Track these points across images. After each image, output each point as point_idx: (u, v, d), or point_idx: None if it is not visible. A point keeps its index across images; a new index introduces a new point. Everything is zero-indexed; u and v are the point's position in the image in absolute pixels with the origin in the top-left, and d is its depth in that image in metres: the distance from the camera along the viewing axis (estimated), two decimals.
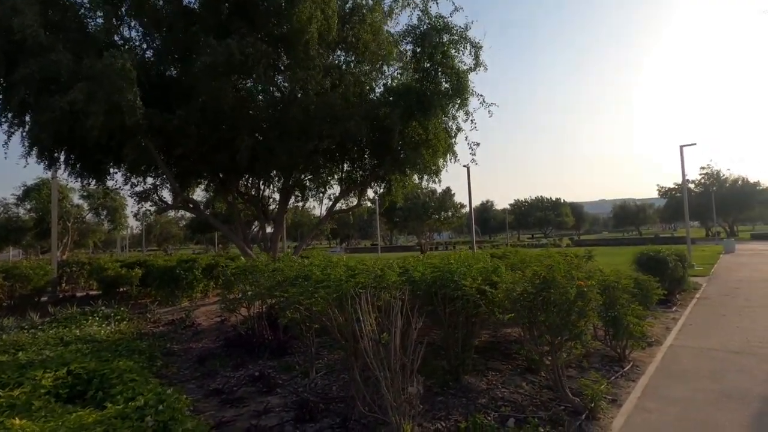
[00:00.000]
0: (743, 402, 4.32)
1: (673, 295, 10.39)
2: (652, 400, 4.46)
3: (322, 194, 14.94)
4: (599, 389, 4.12)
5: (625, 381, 5.10)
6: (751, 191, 53.66)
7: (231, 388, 5.31)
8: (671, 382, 4.98)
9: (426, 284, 4.94)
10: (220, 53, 8.92)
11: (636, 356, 5.96)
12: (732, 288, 12.27)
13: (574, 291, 3.90)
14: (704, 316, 8.71)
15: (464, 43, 10.65)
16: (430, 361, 5.49)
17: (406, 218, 63.57)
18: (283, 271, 5.82)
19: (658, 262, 10.29)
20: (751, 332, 7.16)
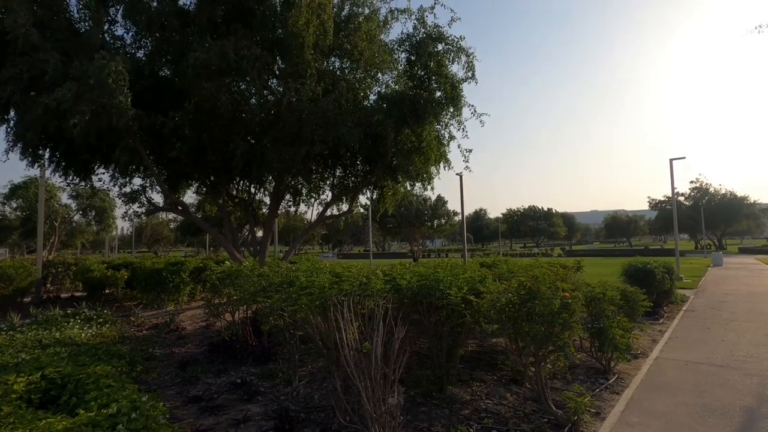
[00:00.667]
0: (725, 417, 4.32)
1: (661, 307, 10.44)
2: (635, 413, 4.43)
3: (313, 199, 14.90)
4: (583, 402, 4.09)
5: (610, 393, 5.08)
6: (739, 205, 54.47)
7: (211, 395, 5.21)
8: (655, 396, 4.97)
9: (412, 293, 4.90)
10: (214, 52, 8.89)
11: (621, 368, 5.95)
12: (718, 301, 12.37)
13: (558, 302, 3.89)
14: (690, 328, 8.75)
15: (459, 53, 10.73)
16: (415, 370, 5.45)
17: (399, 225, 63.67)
18: (268, 276, 5.75)
19: (646, 273, 10.34)
20: (736, 346, 7.20)
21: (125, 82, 8.19)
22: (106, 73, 7.70)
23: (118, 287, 13.69)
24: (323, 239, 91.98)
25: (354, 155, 13.41)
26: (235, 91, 10.48)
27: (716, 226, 55.57)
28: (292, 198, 14.99)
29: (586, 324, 5.80)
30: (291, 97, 9.45)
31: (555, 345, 4.05)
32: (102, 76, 7.69)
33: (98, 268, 13.60)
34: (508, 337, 4.55)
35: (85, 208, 33.40)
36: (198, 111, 9.83)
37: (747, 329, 8.48)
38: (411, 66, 10.90)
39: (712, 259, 29.30)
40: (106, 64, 7.82)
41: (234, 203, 14.90)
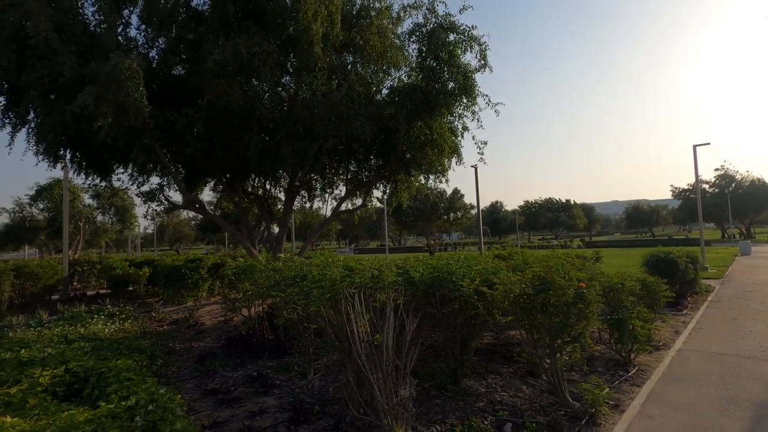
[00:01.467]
0: (751, 409, 4.17)
1: (684, 298, 10.14)
2: (655, 406, 4.32)
3: (327, 194, 14.97)
4: (600, 394, 4.00)
5: (629, 386, 4.96)
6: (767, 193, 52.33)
7: (228, 388, 5.29)
8: (677, 388, 4.83)
9: (425, 285, 4.87)
10: (229, 52, 8.97)
11: (642, 360, 5.81)
12: (746, 291, 11.95)
13: (572, 292, 3.80)
14: (716, 319, 8.48)
15: (471, 43, 10.56)
16: (430, 363, 5.43)
17: (415, 219, 63.50)
18: (281, 270, 5.80)
19: (669, 263, 10.06)
20: (764, 337, 6.94)
21: (140, 79, 8.34)
22: (119, 70, 7.84)
23: (141, 284, 14.04)
24: (340, 234, 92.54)
25: (367, 149, 13.39)
26: (248, 89, 10.56)
27: (744, 215, 53.60)
28: (307, 193, 15.09)
29: (605, 315, 5.67)
30: (303, 92, 9.47)
31: (570, 336, 3.96)
32: (116, 74, 7.84)
33: (121, 266, 13.98)
34: (522, 329, 4.49)
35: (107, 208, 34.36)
36: (211, 108, 9.94)
37: None
38: (422, 57, 10.79)
39: (739, 248, 28.33)
40: (120, 62, 7.97)
41: (250, 200, 15.08)
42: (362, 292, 4.28)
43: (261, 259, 6.99)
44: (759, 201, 51.57)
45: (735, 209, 47.60)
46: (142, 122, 8.64)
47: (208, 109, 10.21)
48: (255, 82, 10.58)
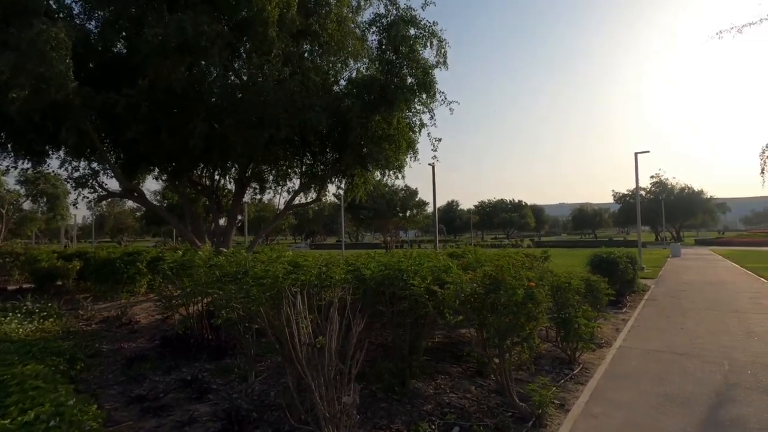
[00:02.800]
0: (686, 406, 4.31)
1: (624, 296, 10.65)
2: (598, 404, 4.37)
3: (281, 187, 14.44)
4: (547, 395, 3.97)
5: (574, 384, 5.02)
6: (696, 200, 57.13)
7: (158, 394, 4.82)
8: (618, 386, 4.94)
9: (375, 283, 4.65)
10: (172, 27, 8.28)
11: (586, 358, 5.93)
12: (678, 290, 12.78)
13: (522, 293, 3.72)
14: (652, 317, 8.94)
15: (431, 39, 10.46)
16: (378, 363, 5.23)
17: (372, 216, 63.41)
18: (222, 266, 5.37)
19: (610, 264, 10.51)
20: (694, 334, 7.36)
21: (67, 51, 7.49)
22: (44, 40, 6.99)
23: (70, 279, 12.84)
24: (295, 229, 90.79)
25: (323, 142, 13.01)
26: (195, 71, 9.85)
27: (675, 219, 58.11)
28: (259, 185, 14.47)
29: (552, 313, 5.74)
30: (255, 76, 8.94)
31: (520, 336, 3.90)
32: (40, 42, 6.98)
33: (48, 259, 12.70)
34: (473, 329, 4.40)
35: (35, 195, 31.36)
36: (154, 89, 9.17)
37: (704, 317, 8.73)
38: (382, 50, 10.56)
39: (671, 250, 30.54)
40: (45, 30, 7.11)
41: (197, 190, 14.23)
42: (307, 290, 4.00)
43: (201, 253, 6.47)
44: (688, 207, 56.19)
45: (667, 214, 51.54)
46: (64, 98, 7.77)
47: (150, 91, 9.41)
48: (203, 64, 9.89)
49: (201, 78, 10.07)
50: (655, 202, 53.07)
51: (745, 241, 47.17)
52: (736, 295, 11.55)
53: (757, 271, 17.59)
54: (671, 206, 54.00)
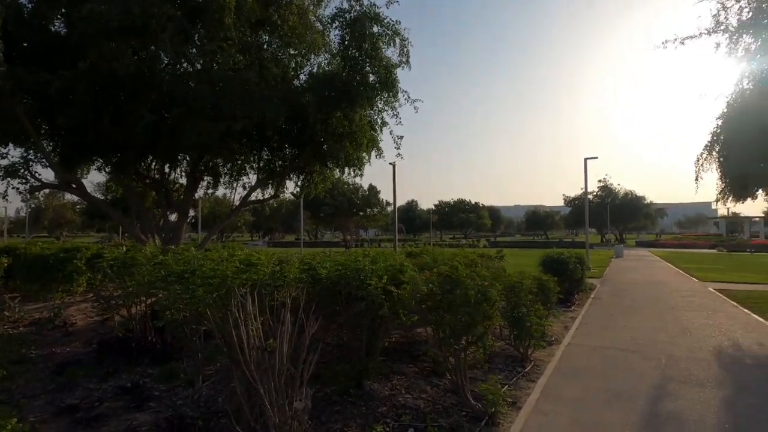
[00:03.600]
0: (629, 401, 4.51)
1: (572, 295, 11.13)
2: (548, 401, 4.48)
3: (237, 182, 13.90)
4: (499, 393, 4.02)
5: (526, 382, 5.13)
6: (638, 204, 61.21)
7: (92, 403, 4.45)
8: (567, 382, 5.10)
9: (331, 282, 4.52)
10: (116, 6, 7.69)
11: (537, 356, 6.10)
12: (620, 290, 13.54)
13: (477, 292, 3.73)
14: (598, 315, 9.38)
15: (394, 37, 10.40)
16: (333, 365, 5.11)
17: (333, 214, 62.78)
18: (168, 264, 5.03)
19: (561, 264, 10.94)
20: (636, 331, 7.79)
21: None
22: None
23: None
24: (253, 227, 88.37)
25: (282, 137, 12.64)
26: (144, 57, 9.22)
27: (619, 222, 61.88)
28: (213, 180, 13.85)
29: (505, 312, 5.85)
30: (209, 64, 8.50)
31: (474, 335, 3.91)
32: None
33: None
34: (429, 328, 4.38)
35: None
36: (94, 72, 8.48)
37: (645, 315, 9.27)
38: (345, 46, 10.38)
39: (614, 252, 32.44)
40: None
41: (145, 184, 13.39)
42: (258, 290, 3.82)
43: (145, 250, 6.04)
44: (631, 211, 60.07)
45: (612, 217, 54.89)
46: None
47: (92, 74, 8.71)
48: (153, 49, 9.28)
49: (150, 64, 9.45)
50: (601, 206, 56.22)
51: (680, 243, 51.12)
52: (671, 294, 12.39)
53: (689, 271, 19.02)
54: (616, 210, 57.49)
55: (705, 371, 5.47)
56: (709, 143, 11.14)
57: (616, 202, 59.66)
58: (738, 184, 11.02)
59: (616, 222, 60.40)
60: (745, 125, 9.74)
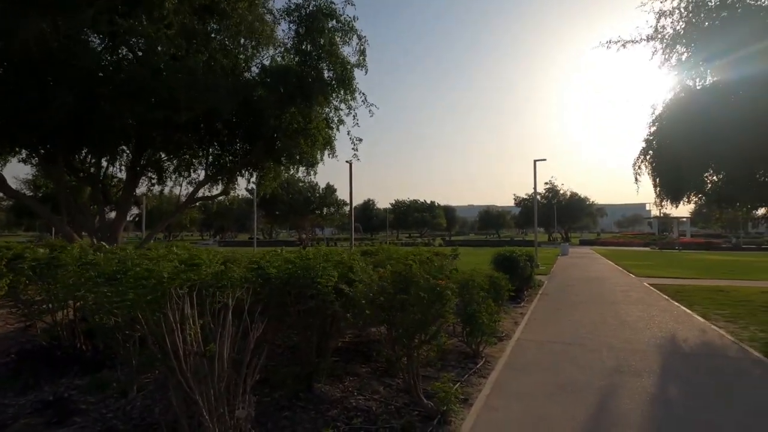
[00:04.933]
0: (574, 393, 4.66)
1: (522, 292, 11.51)
2: (499, 397, 4.54)
3: (183, 178, 13.18)
4: (451, 391, 4.00)
5: (478, 378, 5.18)
6: (582, 205, 65.03)
7: (5, 420, 3.96)
8: (516, 377, 5.21)
9: (281, 282, 4.32)
10: None
11: (488, 352, 6.20)
12: (566, 285, 14.21)
13: (431, 291, 3.69)
14: (545, 310, 9.75)
15: (350, 34, 10.25)
16: (282, 368, 4.90)
17: (288, 212, 61.50)
18: (98, 265, 4.60)
19: (511, 261, 11.28)
20: (580, 325, 8.15)
21: None
22: None
23: None
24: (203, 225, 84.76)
25: (232, 131, 12.14)
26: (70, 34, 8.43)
27: (565, 222, 65.40)
28: (157, 175, 13.04)
29: (458, 309, 5.89)
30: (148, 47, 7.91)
31: (428, 334, 3.87)
32: None
33: None
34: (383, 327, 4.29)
35: None
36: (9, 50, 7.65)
37: (588, 309, 9.75)
38: (299, 40, 10.10)
39: (560, 250, 34.15)
40: None
41: (78, 178, 12.36)
42: (199, 292, 3.55)
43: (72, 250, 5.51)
44: (575, 211, 63.68)
45: (558, 217, 57.93)
46: None
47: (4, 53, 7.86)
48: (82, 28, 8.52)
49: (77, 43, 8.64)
50: (549, 207, 59.12)
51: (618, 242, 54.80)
52: (612, 289, 13.15)
53: (627, 268, 20.34)
54: (562, 210, 60.70)
55: (641, 362, 5.79)
56: (644, 149, 11.88)
57: (562, 203, 62.96)
58: (671, 189, 11.80)
59: (562, 221, 63.71)
60: (675, 133, 10.46)
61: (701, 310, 9.49)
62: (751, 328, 7.77)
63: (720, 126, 8.75)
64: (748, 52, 8.31)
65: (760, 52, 8.10)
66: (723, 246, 43.32)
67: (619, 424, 3.90)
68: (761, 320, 8.41)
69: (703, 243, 45.92)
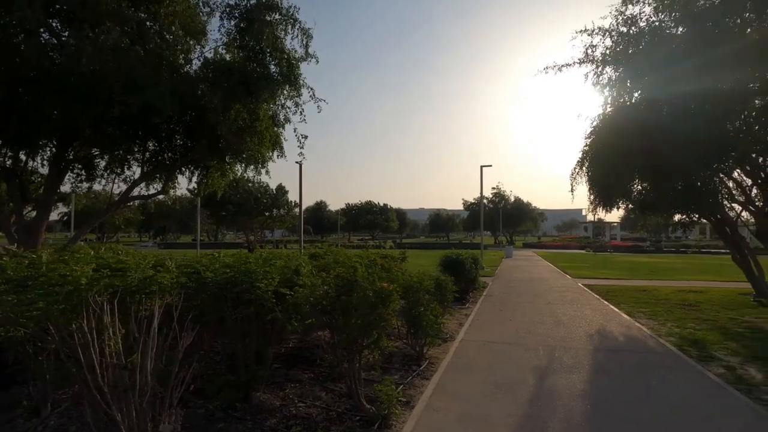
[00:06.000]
0: (511, 391, 4.83)
1: (468, 293, 11.84)
2: (440, 398, 4.61)
3: (117, 175, 12.28)
4: (393, 395, 4.00)
5: (421, 380, 5.23)
6: (525, 209, 68.42)
7: None
8: (458, 377, 5.32)
9: (217, 287, 4.11)
10: None
11: (433, 353, 6.29)
12: (509, 287, 14.81)
13: (373, 294, 3.67)
14: (488, 311, 10.08)
15: (294, 27, 10.03)
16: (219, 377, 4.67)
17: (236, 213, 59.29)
18: (4, 270, 4.12)
19: (458, 264, 11.57)
20: (520, 325, 8.50)
21: None
22: None
23: None
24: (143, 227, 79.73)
25: (172, 128, 11.47)
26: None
27: (509, 226, 68.43)
28: (86, 172, 12.04)
29: (403, 312, 5.94)
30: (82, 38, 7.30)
31: (370, 338, 3.84)
32: None
33: None
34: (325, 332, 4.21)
35: None
36: None
37: (527, 309, 10.21)
38: (242, 34, 9.74)
39: (505, 252, 35.64)
40: None
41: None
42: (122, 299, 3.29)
43: None
44: (519, 216, 66.88)
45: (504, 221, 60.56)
46: None
47: None
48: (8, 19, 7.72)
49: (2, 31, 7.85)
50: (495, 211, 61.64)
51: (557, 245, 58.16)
52: (550, 290, 13.88)
53: (564, 270, 21.60)
54: (507, 214, 63.52)
55: (573, 358, 6.13)
56: (580, 159, 12.73)
57: (508, 207, 65.88)
58: (603, 196, 12.76)
59: (507, 225, 66.57)
60: (606, 144, 11.29)
61: (627, 309, 10.26)
62: (668, 324, 8.51)
63: (643, 139, 9.54)
64: (664, 75, 9.16)
65: (674, 75, 8.95)
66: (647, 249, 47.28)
67: (551, 419, 4.09)
68: (677, 317, 9.24)
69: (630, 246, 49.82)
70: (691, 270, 21.94)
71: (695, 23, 9.20)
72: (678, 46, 9.29)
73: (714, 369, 5.77)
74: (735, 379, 5.36)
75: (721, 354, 6.48)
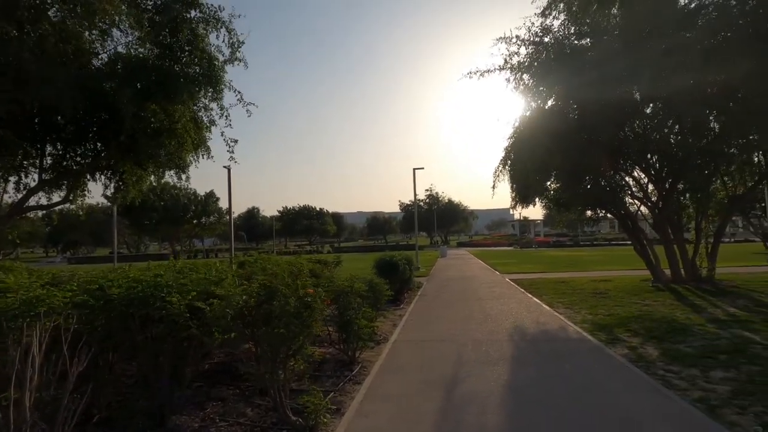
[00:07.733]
0: (440, 387, 4.93)
1: (402, 294, 12.01)
2: (371, 402, 4.58)
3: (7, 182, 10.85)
4: (321, 404, 3.90)
5: (352, 385, 5.17)
6: (457, 210, 71.43)
7: None
8: (390, 379, 5.33)
9: (122, 304, 3.74)
10: None
11: (365, 356, 6.26)
12: (443, 285, 15.27)
13: (294, 301, 3.55)
14: (422, 311, 10.30)
15: (217, 26, 9.56)
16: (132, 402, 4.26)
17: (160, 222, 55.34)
18: None
19: (392, 266, 11.70)
20: (451, 322, 8.77)
21: None
22: None
23: None
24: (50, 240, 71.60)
25: (80, 129, 10.40)
26: None
27: (444, 226, 71.05)
28: None
29: (335, 318, 5.86)
30: None
31: (293, 348, 3.71)
32: None
33: None
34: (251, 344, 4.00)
35: None
36: None
37: (459, 307, 10.57)
38: (156, 29, 9.08)
39: (440, 252, 36.81)
40: None
41: None
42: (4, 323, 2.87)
43: None
44: (452, 216, 69.63)
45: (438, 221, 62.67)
46: None
47: None
48: None
49: None
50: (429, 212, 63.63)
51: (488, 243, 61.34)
52: (480, 287, 14.53)
53: (493, 266, 22.78)
54: (441, 215, 65.82)
55: (499, 351, 6.43)
56: (503, 159, 13.53)
57: (441, 208, 68.27)
58: (522, 194, 13.67)
59: (441, 226, 69.01)
60: (525, 146, 12.11)
61: (547, 300, 11.02)
62: (582, 312, 9.26)
63: (556, 141, 10.35)
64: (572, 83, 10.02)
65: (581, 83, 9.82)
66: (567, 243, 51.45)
67: (481, 412, 4.22)
68: (590, 305, 10.10)
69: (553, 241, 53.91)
70: (602, 261, 24.20)
71: (599, 37, 10.18)
72: (584, 57, 10.22)
73: (619, 350, 6.36)
74: (636, 357, 5.95)
75: (625, 336, 7.16)
